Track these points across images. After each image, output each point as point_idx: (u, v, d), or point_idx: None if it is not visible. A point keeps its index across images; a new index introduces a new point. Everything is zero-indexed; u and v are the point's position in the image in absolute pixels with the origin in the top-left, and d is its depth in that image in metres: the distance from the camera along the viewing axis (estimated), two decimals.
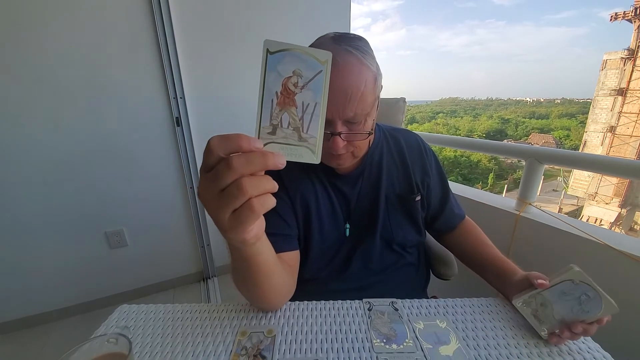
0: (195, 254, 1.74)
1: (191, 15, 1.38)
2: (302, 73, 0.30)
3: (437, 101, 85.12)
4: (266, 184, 0.29)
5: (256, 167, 0.28)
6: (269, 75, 0.30)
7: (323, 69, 0.31)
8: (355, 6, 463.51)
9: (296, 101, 0.31)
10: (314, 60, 0.30)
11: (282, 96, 0.30)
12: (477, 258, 0.67)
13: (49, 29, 1.18)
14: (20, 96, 1.21)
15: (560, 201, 17.96)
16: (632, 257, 0.76)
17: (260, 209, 0.29)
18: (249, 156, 0.28)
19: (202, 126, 1.53)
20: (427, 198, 0.69)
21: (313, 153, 0.32)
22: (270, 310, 0.54)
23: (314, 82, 0.31)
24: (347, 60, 0.49)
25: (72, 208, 1.40)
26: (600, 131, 14.43)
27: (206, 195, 0.29)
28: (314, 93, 0.31)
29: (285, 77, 0.30)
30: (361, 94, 0.50)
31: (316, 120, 0.31)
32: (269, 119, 0.30)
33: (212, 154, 0.28)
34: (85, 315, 1.53)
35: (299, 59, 0.30)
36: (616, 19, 15.59)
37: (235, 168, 0.27)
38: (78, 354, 0.35)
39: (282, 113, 0.30)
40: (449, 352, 0.45)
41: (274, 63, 0.30)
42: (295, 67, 0.30)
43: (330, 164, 0.58)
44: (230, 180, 0.28)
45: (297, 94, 0.30)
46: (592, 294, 0.44)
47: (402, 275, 0.69)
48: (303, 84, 0.30)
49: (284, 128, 0.31)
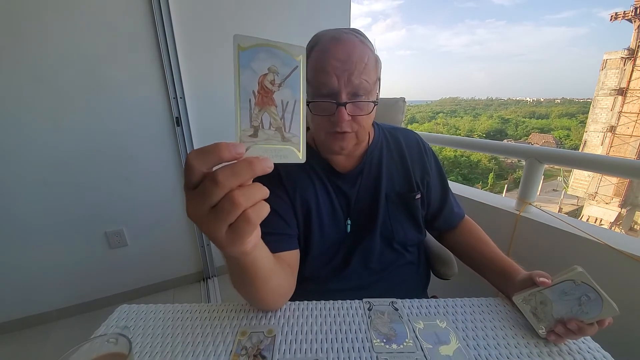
0: (195, 254, 1.74)
1: (191, 15, 1.38)
2: (278, 70, 0.29)
3: (437, 101, 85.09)
4: (257, 192, 0.28)
5: (244, 178, 0.27)
6: (243, 73, 0.27)
7: (298, 64, 0.29)
8: (355, 6, 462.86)
9: (275, 100, 0.29)
10: (288, 56, 0.29)
11: (260, 95, 0.28)
12: (478, 257, 0.67)
13: (48, 29, 1.18)
14: (20, 96, 1.21)
15: (560, 201, 17.96)
16: (632, 257, 0.76)
17: (257, 219, 0.28)
18: (235, 167, 0.26)
19: (202, 126, 1.53)
20: (427, 196, 0.69)
21: (298, 152, 0.30)
22: (271, 310, 0.54)
23: (290, 78, 0.29)
24: (349, 38, 0.52)
25: (72, 208, 1.40)
26: (600, 131, 14.43)
27: (196, 214, 0.28)
28: (292, 90, 0.29)
29: (261, 75, 0.28)
30: (365, 66, 0.52)
31: (297, 119, 0.30)
32: (249, 120, 0.28)
33: (192, 170, 0.26)
34: (85, 315, 1.53)
35: (273, 55, 0.28)
36: (616, 18, 15.59)
37: (222, 183, 0.26)
38: (78, 354, 0.35)
39: (262, 113, 0.29)
40: (449, 352, 0.45)
41: (247, 60, 0.27)
42: (270, 64, 0.28)
43: (333, 147, 0.57)
44: (220, 196, 0.26)
45: (275, 92, 0.29)
46: (592, 296, 0.44)
47: (401, 274, 0.69)
48: (280, 82, 0.29)
49: (266, 129, 0.29)
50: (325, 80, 0.51)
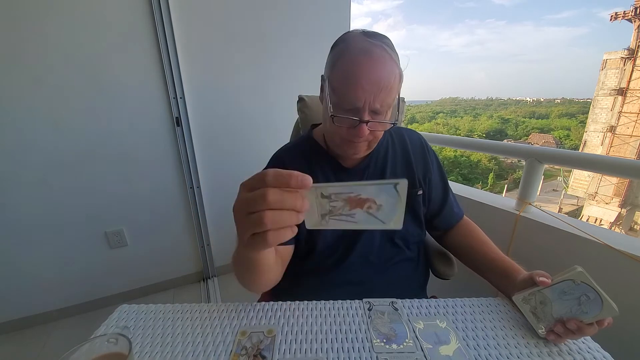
0: (195, 254, 1.74)
1: (191, 15, 1.38)
2: (381, 205, 0.32)
3: (437, 101, 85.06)
4: (287, 219, 0.31)
5: (284, 206, 0.30)
6: (370, 189, 0.31)
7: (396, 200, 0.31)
8: (355, 6, 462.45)
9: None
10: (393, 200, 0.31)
11: (354, 202, 0.31)
12: (479, 258, 0.67)
13: (48, 29, 1.18)
14: (20, 96, 1.21)
15: (560, 201, 17.96)
16: (632, 257, 0.76)
17: (273, 242, 0.31)
18: (285, 195, 0.30)
19: (202, 126, 1.53)
20: (428, 194, 0.71)
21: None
22: (255, 292, 0.59)
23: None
24: (381, 54, 0.53)
25: (72, 208, 1.40)
26: (600, 131, 14.42)
27: (237, 211, 0.33)
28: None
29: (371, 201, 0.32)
30: (390, 87, 0.53)
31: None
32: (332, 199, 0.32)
33: (261, 182, 0.30)
34: (85, 315, 1.53)
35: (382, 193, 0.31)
36: (616, 18, 15.59)
37: (267, 202, 0.29)
38: (78, 354, 0.35)
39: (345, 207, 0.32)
40: (449, 352, 0.45)
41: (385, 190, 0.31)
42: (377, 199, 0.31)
43: (347, 152, 0.61)
44: (258, 209, 0.30)
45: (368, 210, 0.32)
46: (592, 295, 0.44)
47: (400, 270, 0.70)
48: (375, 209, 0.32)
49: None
50: (351, 100, 0.53)
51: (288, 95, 1.61)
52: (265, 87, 1.63)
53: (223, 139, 1.61)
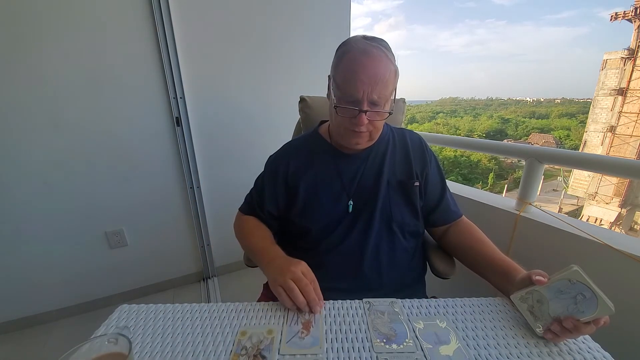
0: (195, 254, 1.74)
1: (191, 15, 1.38)
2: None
3: (437, 101, 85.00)
4: (297, 296, 0.52)
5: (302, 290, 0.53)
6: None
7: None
8: (355, 6, 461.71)
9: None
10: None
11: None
12: (477, 257, 0.68)
13: (48, 29, 1.18)
14: (20, 96, 1.20)
15: (560, 201, 17.94)
16: (632, 257, 0.76)
17: (286, 304, 0.53)
18: (307, 292, 0.53)
19: (202, 126, 1.53)
20: (425, 187, 0.74)
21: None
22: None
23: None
24: (378, 54, 0.61)
25: (72, 208, 1.40)
26: (600, 131, 14.41)
27: (275, 284, 0.55)
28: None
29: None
30: (386, 80, 0.61)
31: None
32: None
33: (293, 281, 0.54)
34: (85, 315, 1.53)
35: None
36: (616, 18, 15.57)
37: (289, 287, 0.53)
38: (78, 354, 0.35)
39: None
40: (449, 352, 0.45)
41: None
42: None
43: (350, 143, 0.68)
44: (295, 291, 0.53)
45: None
46: (588, 294, 0.44)
47: (396, 256, 0.72)
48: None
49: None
50: (352, 92, 0.61)
51: (288, 95, 1.61)
52: (265, 87, 1.63)
53: (223, 139, 1.61)
